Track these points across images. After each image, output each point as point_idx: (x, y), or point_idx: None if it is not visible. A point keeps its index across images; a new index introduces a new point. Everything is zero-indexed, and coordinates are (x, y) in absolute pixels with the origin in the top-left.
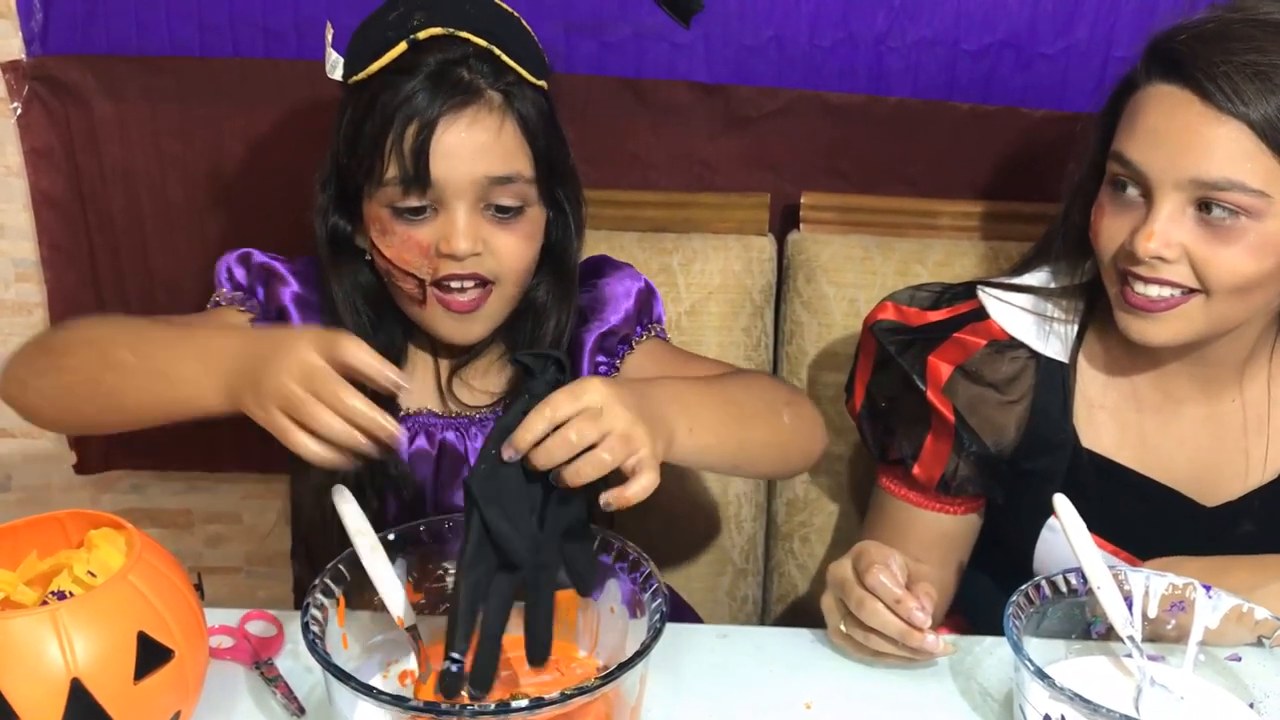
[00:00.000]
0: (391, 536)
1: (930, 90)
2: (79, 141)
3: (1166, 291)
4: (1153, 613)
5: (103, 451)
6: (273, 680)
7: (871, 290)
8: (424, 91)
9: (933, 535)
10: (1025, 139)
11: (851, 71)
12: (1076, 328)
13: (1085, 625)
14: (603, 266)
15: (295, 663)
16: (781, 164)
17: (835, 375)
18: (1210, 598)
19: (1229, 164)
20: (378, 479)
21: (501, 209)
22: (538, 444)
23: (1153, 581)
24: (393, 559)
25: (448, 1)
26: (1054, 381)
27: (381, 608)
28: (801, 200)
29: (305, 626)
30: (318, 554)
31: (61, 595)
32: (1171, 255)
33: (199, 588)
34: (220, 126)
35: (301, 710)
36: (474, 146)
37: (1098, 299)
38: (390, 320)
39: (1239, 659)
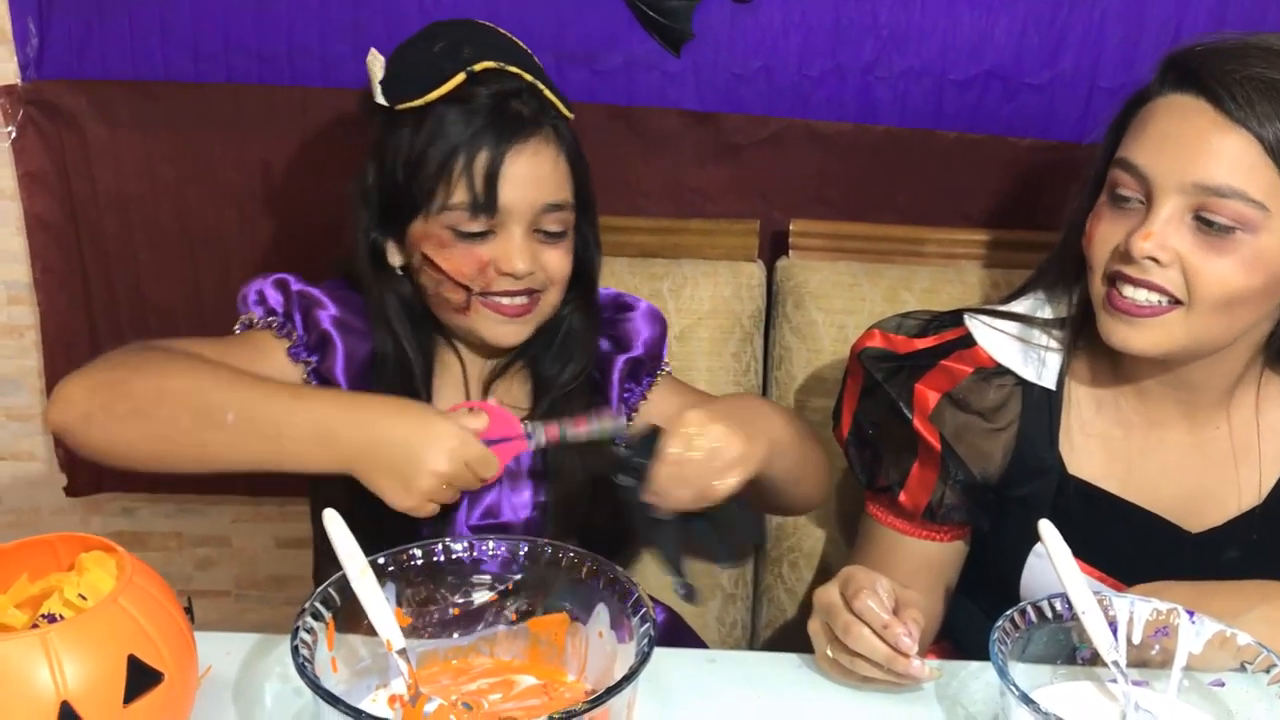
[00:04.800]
0: (381, 560)
1: (918, 119)
2: (73, 166)
3: (1154, 298)
4: (1137, 638)
5: (93, 474)
6: None
7: (859, 316)
8: (492, 124)
9: (919, 562)
10: (1011, 167)
11: (840, 101)
12: (1064, 355)
13: (1070, 650)
14: (627, 299)
15: (284, 685)
16: (771, 191)
17: (823, 400)
18: (1194, 623)
19: (1233, 172)
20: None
21: (548, 233)
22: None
23: (1137, 607)
24: (381, 583)
25: (486, 37)
26: (1040, 409)
27: (371, 632)
28: (790, 227)
29: (295, 650)
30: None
31: (52, 618)
32: (1165, 258)
33: (189, 611)
34: (213, 151)
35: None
36: (536, 176)
37: (1085, 327)
38: (424, 331)
39: (1222, 684)
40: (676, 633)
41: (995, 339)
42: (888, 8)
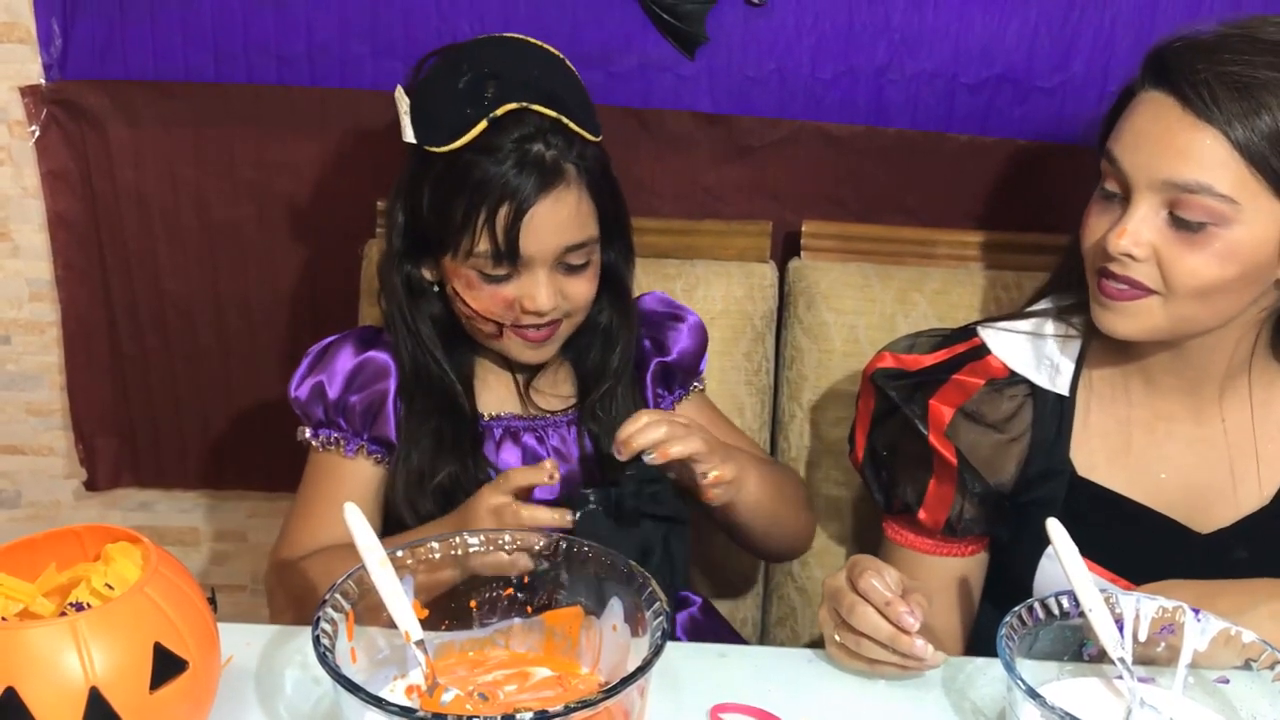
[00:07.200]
0: (399, 553)
1: (929, 122)
2: (95, 164)
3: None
4: (1143, 635)
5: (112, 469)
6: None
7: (870, 317)
8: (512, 176)
9: (943, 580)
10: (1022, 170)
11: (852, 103)
12: (1078, 354)
13: (1077, 647)
14: (681, 310)
15: (304, 674)
16: (783, 193)
17: (833, 400)
18: (1199, 621)
19: (1201, 169)
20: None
21: (571, 266)
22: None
23: (1143, 605)
24: (400, 576)
25: (513, 65)
26: (1052, 414)
27: (390, 623)
28: (802, 228)
29: (316, 640)
30: None
31: (79, 607)
32: (1141, 254)
33: (212, 601)
34: (233, 151)
35: None
36: (557, 223)
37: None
38: (460, 344)
39: (1227, 681)
40: (720, 633)
41: (1009, 344)
42: (900, 11)
